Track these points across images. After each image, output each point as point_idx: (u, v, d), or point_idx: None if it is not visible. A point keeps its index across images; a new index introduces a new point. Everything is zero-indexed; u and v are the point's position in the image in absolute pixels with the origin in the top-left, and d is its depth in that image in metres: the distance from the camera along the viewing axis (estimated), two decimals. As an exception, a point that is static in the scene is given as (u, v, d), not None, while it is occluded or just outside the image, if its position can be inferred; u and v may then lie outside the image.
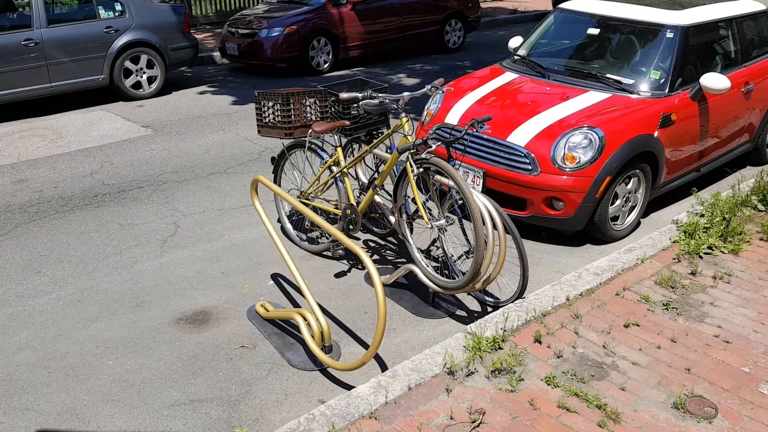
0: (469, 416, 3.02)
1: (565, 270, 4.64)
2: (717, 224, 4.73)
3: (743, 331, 3.69)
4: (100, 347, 3.85)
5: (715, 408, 3.10)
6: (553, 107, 5.07)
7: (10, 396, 3.45)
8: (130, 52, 8.86)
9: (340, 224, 4.51)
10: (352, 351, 3.80)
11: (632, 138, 4.82)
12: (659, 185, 5.27)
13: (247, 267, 4.72)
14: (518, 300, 3.95)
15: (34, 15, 8.07)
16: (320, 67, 10.63)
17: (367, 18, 10.95)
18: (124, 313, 4.18)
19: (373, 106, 4.04)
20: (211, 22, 15.18)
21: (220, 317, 4.13)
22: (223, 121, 8.08)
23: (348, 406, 3.07)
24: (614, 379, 3.30)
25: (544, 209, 4.81)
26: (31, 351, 3.81)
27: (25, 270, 4.70)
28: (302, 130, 4.69)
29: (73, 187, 6.10)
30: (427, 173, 3.91)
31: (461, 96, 5.56)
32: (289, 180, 5.41)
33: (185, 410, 3.34)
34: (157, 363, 3.70)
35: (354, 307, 4.23)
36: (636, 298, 4.00)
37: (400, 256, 4.86)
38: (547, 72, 5.67)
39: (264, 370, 3.64)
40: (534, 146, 4.80)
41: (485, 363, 3.38)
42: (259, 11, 11.08)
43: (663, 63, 5.28)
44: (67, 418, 3.30)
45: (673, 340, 3.60)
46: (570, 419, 3.02)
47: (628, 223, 5.16)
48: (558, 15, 6.25)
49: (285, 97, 4.61)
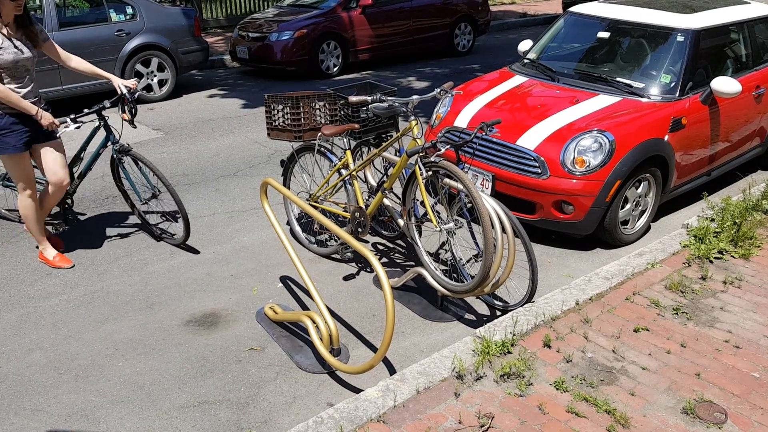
0: (477, 420, 3.02)
1: (574, 274, 4.62)
2: (728, 229, 4.71)
3: (754, 336, 3.67)
4: (110, 349, 3.87)
5: (725, 413, 3.08)
6: (563, 111, 5.06)
7: (20, 397, 3.47)
8: (141, 55, 8.91)
9: (349, 227, 4.52)
10: (361, 354, 3.81)
11: (642, 142, 4.80)
12: (669, 189, 5.25)
13: (257, 269, 4.73)
14: (527, 304, 3.94)
15: (45, 18, 8.13)
16: (330, 71, 10.66)
17: (376, 21, 10.97)
18: (134, 315, 4.20)
19: (383, 109, 4.05)
20: (222, 25, 15.25)
21: (229, 319, 4.14)
22: (233, 124, 8.12)
23: (356, 409, 3.07)
24: (624, 383, 3.28)
25: (554, 213, 4.80)
26: (41, 352, 3.84)
27: (36, 271, 4.73)
28: (312, 133, 4.70)
29: (84, 189, 6.14)
30: (436, 176, 3.91)
31: (470, 99, 5.56)
32: (298, 183, 5.42)
33: (194, 412, 3.35)
34: (166, 365, 3.72)
35: (363, 310, 4.24)
36: (646, 302, 3.99)
37: (408, 259, 4.86)
38: (556, 75, 5.66)
39: (273, 372, 3.64)
40: (543, 150, 4.79)
41: (494, 367, 3.37)
42: (269, 15, 11.12)
43: (673, 67, 5.27)
44: (77, 419, 3.31)
45: (683, 345, 3.58)
46: (579, 424, 3.01)
47: (638, 228, 5.14)
48: (568, 18, 6.24)
49: (294, 101, 4.63)
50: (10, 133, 4.30)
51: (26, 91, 4.33)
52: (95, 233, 5.30)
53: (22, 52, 4.26)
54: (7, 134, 4.30)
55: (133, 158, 4.82)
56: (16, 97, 4.21)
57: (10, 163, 4.41)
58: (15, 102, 4.20)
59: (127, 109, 4.70)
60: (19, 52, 4.24)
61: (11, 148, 4.34)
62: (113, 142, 4.80)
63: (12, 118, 4.29)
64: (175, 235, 5.15)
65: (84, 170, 4.99)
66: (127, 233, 5.29)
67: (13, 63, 4.21)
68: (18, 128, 4.32)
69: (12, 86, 4.26)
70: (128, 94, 4.67)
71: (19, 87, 4.30)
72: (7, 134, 4.30)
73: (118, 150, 4.82)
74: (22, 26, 4.30)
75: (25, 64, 4.30)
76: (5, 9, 4.15)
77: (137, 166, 4.85)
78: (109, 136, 4.79)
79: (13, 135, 4.31)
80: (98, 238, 5.21)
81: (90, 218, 5.55)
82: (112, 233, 5.30)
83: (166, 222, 5.45)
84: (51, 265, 4.75)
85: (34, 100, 4.39)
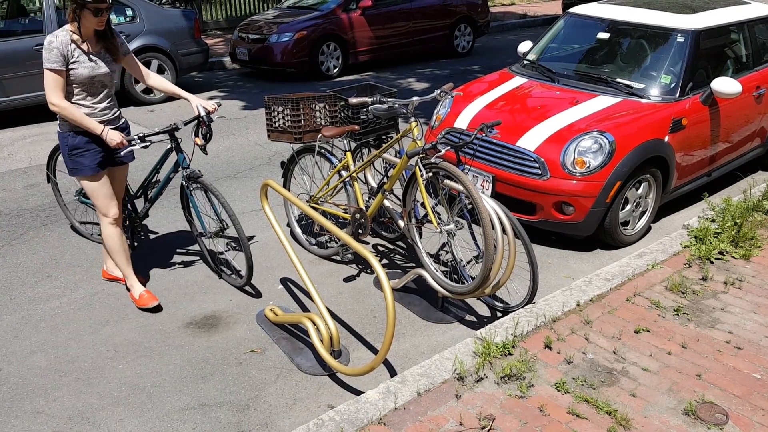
0: (478, 422, 3.01)
1: (575, 275, 4.62)
2: (728, 229, 4.71)
3: (754, 337, 3.66)
4: (110, 351, 3.87)
5: (726, 414, 3.07)
6: (563, 112, 5.06)
7: (21, 399, 3.47)
8: (141, 57, 8.91)
9: (349, 228, 4.52)
10: (361, 356, 3.80)
11: (643, 143, 4.80)
12: (670, 190, 5.25)
13: (257, 271, 4.73)
14: (528, 305, 3.94)
15: (45, 20, 8.14)
16: (330, 72, 10.67)
17: (376, 23, 10.98)
18: (134, 318, 4.20)
19: (383, 110, 4.05)
20: (222, 27, 15.26)
21: (229, 321, 4.14)
22: (233, 126, 8.12)
23: (357, 411, 3.07)
24: (624, 385, 3.28)
25: (554, 214, 4.80)
26: (42, 355, 3.84)
27: (36, 274, 4.73)
28: (312, 134, 4.70)
29: (84, 191, 6.14)
30: (437, 178, 3.91)
31: (470, 100, 5.56)
32: (298, 184, 5.42)
33: (195, 414, 3.35)
34: (167, 367, 3.72)
35: (363, 312, 4.24)
36: (647, 303, 3.98)
37: (409, 261, 4.86)
38: (556, 76, 5.66)
39: (273, 374, 3.64)
40: (543, 151, 4.79)
41: (495, 369, 3.37)
42: (269, 16, 11.13)
43: (674, 67, 5.27)
44: (77, 421, 3.31)
45: (684, 346, 3.58)
46: (580, 425, 3.00)
47: (639, 228, 5.14)
48: (568, 20, 6.24)
49: (295, 102, 4.63)
50: (85, 153, 4.00)
51: (102, 107, 4.02)
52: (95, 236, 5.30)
53: (99, 66, 3.93)
54: (82, 154, 3.99)
55: (202, 186, 4.33)
56: (81, 114, 3.86)
57: (88, 185, 4.07)
58: (79, 120, 3.85)
59: (202, 133, 4.28)
60: (95, 66, 3.91)
61: (86, 169, 4.01)
62: (183, 167, 4.36)
63: (84, 137, 3.98)
64: (236, 275, 4.62)
65: (155, 196, 4.62)
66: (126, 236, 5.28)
67: (89, 78, 3.89)
68: (92, 147, 4.01)
69: (86, 102, 3.95)
70: (205, 117, 4.23)
71: (95, 103, 3.98)
72: (81, 154, 3.99)
73: (187, 176, 4.35)
74: (102, 38, 3.97)
75: (102, 79, 3.97)
76: (86, 22, 3.81)
77: (206, 195, 4.35)
78: (180, 160, 4.37)
79: (88, 155, 4.00)
80: (98, 241, 5.20)
81: (89, 220, 5.55)
82: (113, 235, 5.29)
83: (229, 257, 4.90)
84: (139, 304, 4.26)
85: (111, 117, 4.10)
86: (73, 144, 3.98)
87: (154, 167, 4.60)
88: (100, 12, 3.78)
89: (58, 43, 3.77)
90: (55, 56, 3.76)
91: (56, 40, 3.78)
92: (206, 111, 4.25)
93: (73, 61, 3.83)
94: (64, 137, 4.00)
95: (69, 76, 3.84)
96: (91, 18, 3.79)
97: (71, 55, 3.82)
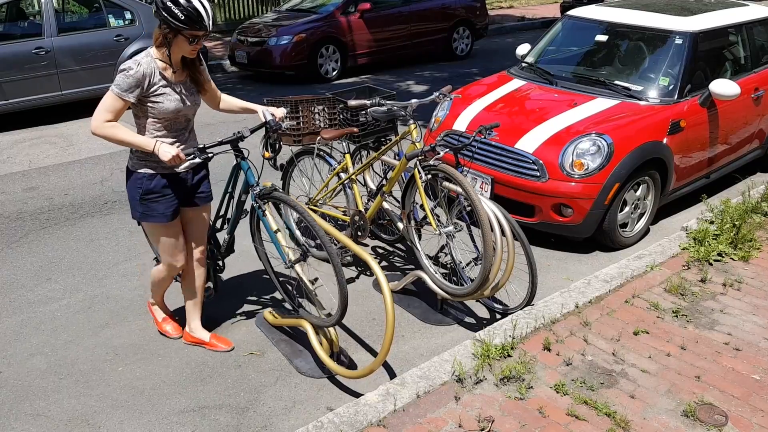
0: (477, 424, 3.02)
1: (574, 277, 4.62)
2: (727, 231, 4.71)
3: (753, 339, 3.67)
4: (110, 354, 3.87)
5: (725, 416, 3.08)
6: (561, 114, 5.07)
7: (21, 402, 3.47)
8: (140, 60, 8.91)
9: (349, 231, 4.52)
10: (361, 358, 3.80)
11: (641, 145, 4.81)
12: (668, 192, 5.26)
13: (256, 274, 4.73)
14: (527, 307, 3.95)
15: (45, 23, 8.15)
16: (329, 75, 10.68)
17: (375, 26, 11.00)
18: (134, 320, 4.20)
19: (382, 113, 4.06)
20: (221, 30, 15.27)
21: (229, 324, 4.14)
22: (232, 129, 8.12)
23: (356, 413, 3.07)
24: (624, 386, 3.28)
25: (553, 216, 4.81)
26: (42, 357, 3.84)
27: (36, 277, 4.73)
28: (311, 137, 4.71)
29: (83, 194, 6.14)
30: (436, 180, 3.91)
31: (469, 103, 5.57)
32: (297, 187, 5.42)
33: (194, 417, 3.35)
34: (166, 369, 3.72)
35: (362, 314, 4.24)
36: (645, 305, 3.99)
37: (408, 263, 4.86)
38: (555, 79, 5.67)
39: (272, 377, 3.64)
40: (542, 153, 4.80)
41: (494, 370, 3.37)
42: (268, 19, 11.15)
43: (672, 69, 5.28)
44: (77, 424, 3.31)
45: (683, 347, 3.58)
46: (579, 427, 3.00)
47: (638, 230, 5.14)
48: (566, 22, 6.26)
49: (294, 105, 4.63)
50: (161, 198, 3.45)
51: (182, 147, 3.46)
52: (94, 238, 5.30)
53: (186, 100, 3.39)
54: (158, 199, 3.45)
55: (275, 202, 3.67)
56: (125, 132, 3.26)
57: (155, 232, 3.58)
58: (128, 140, 3.24)
59: (270, 143, 3.65)
60: (181, 99, 3.36)
61: (160, 216, 3.48)
62: (251, 185, 3.61)
63: (164, 179, 3.44)
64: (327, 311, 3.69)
65: (231, 227, 3.96)
66: (126, 238, 5.29)
67: (174, 113, 3.35)
68: (169, 193, 3.48)
69: (167, 140, 3.39)
70: (273, 123, 3.58)
71: (174, 141, 3.44)
72: (157, 199, 3.45)
73: (259, 194, 3.58)
74: (189, 66, 3.41)
75: (186, 113, 3.43)
76: (177, 49, 3.26)
77: (278, 212, 3.80)
78: (248, 176, 3.63)
79: (163, 201, 3.46)
80: (98, 243, 5.21)
81: (89, 223, 5.55)
82: (112, 238, 5.30)
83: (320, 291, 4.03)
84: (168, 335, 3.99)
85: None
86: (149, 188, 3.43)
87: (226, 189, 3.97)
88: (196, 39, 3.24)
89: (140, 73, 3.21)
90: (129, 85, 3.20)
91: (138, 69, 3.21)
92: (273, 117, 3.64)
93: (156, 93, 3.28)
94: (138, 179, 3.44)
95: (149, 110, 3.31)
96: (185, 46, 3.25)
97: (153, 86, 3.27)
